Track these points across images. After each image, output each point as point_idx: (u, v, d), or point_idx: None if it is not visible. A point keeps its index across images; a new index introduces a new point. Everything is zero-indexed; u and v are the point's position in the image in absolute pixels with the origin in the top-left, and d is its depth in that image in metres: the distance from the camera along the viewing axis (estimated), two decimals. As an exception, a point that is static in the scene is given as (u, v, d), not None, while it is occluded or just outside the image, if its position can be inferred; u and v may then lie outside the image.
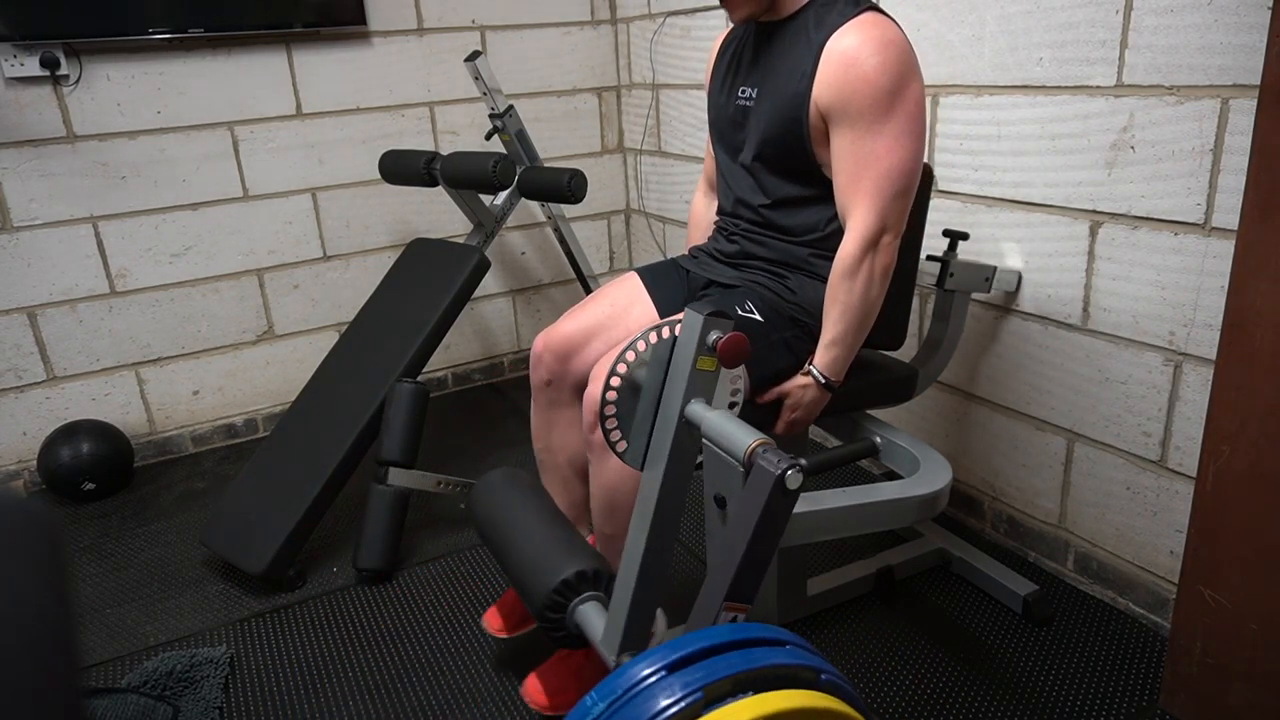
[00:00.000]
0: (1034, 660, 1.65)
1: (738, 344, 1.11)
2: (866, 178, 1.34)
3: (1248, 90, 1.38)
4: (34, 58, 2.27)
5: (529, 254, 3.16)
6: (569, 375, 1.58)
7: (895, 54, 1.30)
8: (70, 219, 2.44)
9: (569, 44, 3.00)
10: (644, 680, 0.85)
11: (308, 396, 2.29)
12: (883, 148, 1.32)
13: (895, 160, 1.33)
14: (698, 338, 1.11)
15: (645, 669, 0.86)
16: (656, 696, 0.83)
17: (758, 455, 1.02)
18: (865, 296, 1.39)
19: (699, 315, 1.11)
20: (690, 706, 0.81)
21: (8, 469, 2.52)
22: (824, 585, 1.81)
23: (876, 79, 1.29)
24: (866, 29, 1.31)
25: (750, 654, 0.87)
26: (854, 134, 1.33)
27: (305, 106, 2.65)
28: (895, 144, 1.32)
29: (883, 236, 1.36)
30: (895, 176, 1.34)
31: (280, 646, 1.82)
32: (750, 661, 0.86)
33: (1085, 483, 1.80)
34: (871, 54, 1.29)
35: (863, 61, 1.30)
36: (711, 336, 1.11)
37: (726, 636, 0.90)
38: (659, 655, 0.87)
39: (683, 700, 0.81)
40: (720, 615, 1.05)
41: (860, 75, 1.30)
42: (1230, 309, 1.28)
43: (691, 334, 1.12)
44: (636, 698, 0.84)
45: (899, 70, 1.31)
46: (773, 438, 1.12)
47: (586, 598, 1.31)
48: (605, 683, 0.87)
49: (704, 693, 0.82)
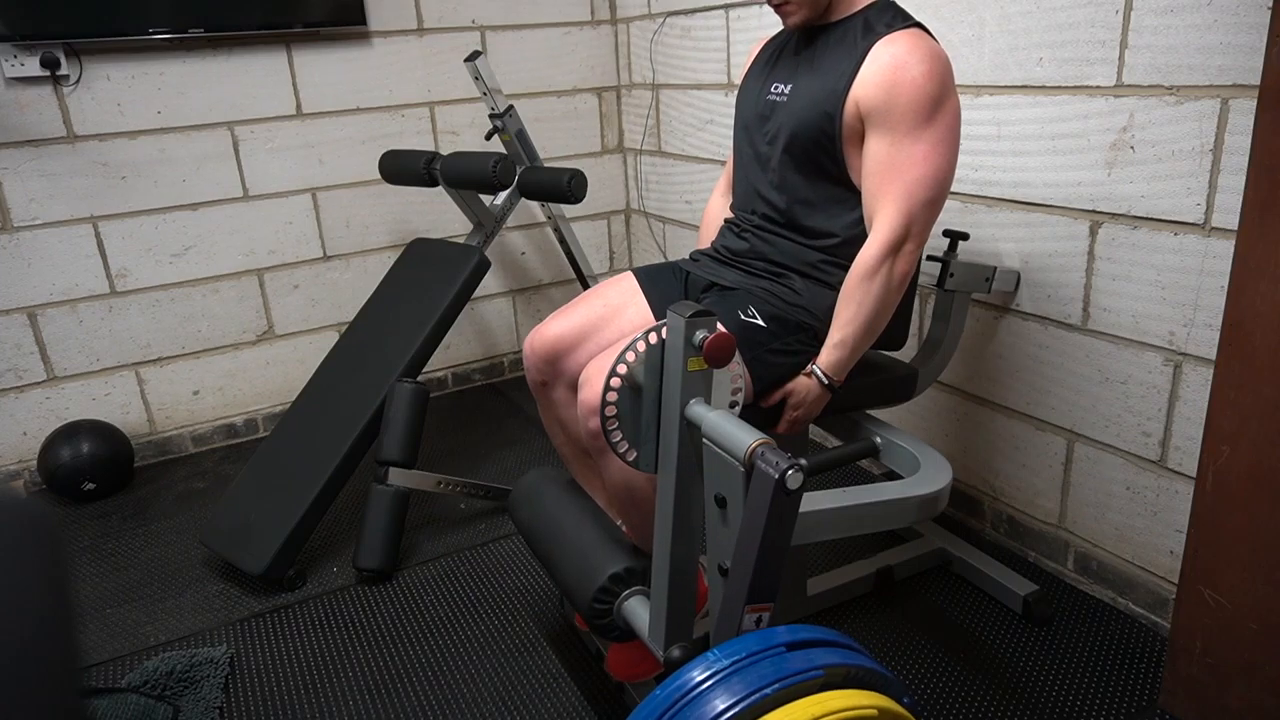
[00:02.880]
0: (1034, 660, 1.65)
1: (723, 343, 1.10)
2: (899, 182, 1.35)
3: (1248, 90, 1.38)
4: (34, 58, 2.27)
5: (529, 254, 3.16)
6: (562, 375, 1.57)
7: (942, 66, 1.33)
8: (70, 219, 2.44)
9: (569, 44, 3.00)
10: (697, 687, 0.88)
11: (308, 396, 2.29)
12: (920, 154, 1.33)
13: (930, 168, 1.34)
14: (683, 339, 1.11)
15: (698, 675, 0.89)
16: (711, 701, 0.86)
17: (758, 456, 1.02)
18: (881, 300, 1.39)
19: (680, 317, 1.11)
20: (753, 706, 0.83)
21: (8, 469, 2.52)
22: (824, 585, 1.81)
23: (923, 84, 1.31)
24: (916, 39, 1.34)
25: (810, 654, 0.90)
26: (893, 137, 1.34)
27: (305, 106, 2.65)
28: (932, 151, 1.34)
29: (906, 243, 1.37)
30: (928, 184, 1.35)
31: (280, 646, 1.82)
32: (801, 665, 0.88)
33: (1085, 483, 1.80)
34: (920, 61, 1.32)
35: (911, 67, 1.32)
36: (697, 337, 1.11)
37: (785, 638, 0.92)
38: (710, 660, 0.89)
39: (737, 705, 0.83)
40: (744, 618, 1.06)
41: (909, 79, 1.31)
42: (1230, 309, 1.28)
43: (677, 335, 1.12)
44: (691, 703, 0.87)
45: (944, 81, 1.33)
46: (773, 437, 1.12)
47: (629, 594, 1.34)
48: (659, 690, 0.91)
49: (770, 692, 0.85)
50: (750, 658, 0.88)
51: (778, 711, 0.83)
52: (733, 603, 1.07)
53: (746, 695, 0.84)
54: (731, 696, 0.85)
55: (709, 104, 2.69)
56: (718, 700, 0.85)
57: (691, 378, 1.14)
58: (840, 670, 0.89)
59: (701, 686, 0.87)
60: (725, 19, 2.52)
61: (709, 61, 2.64)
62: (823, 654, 0.90)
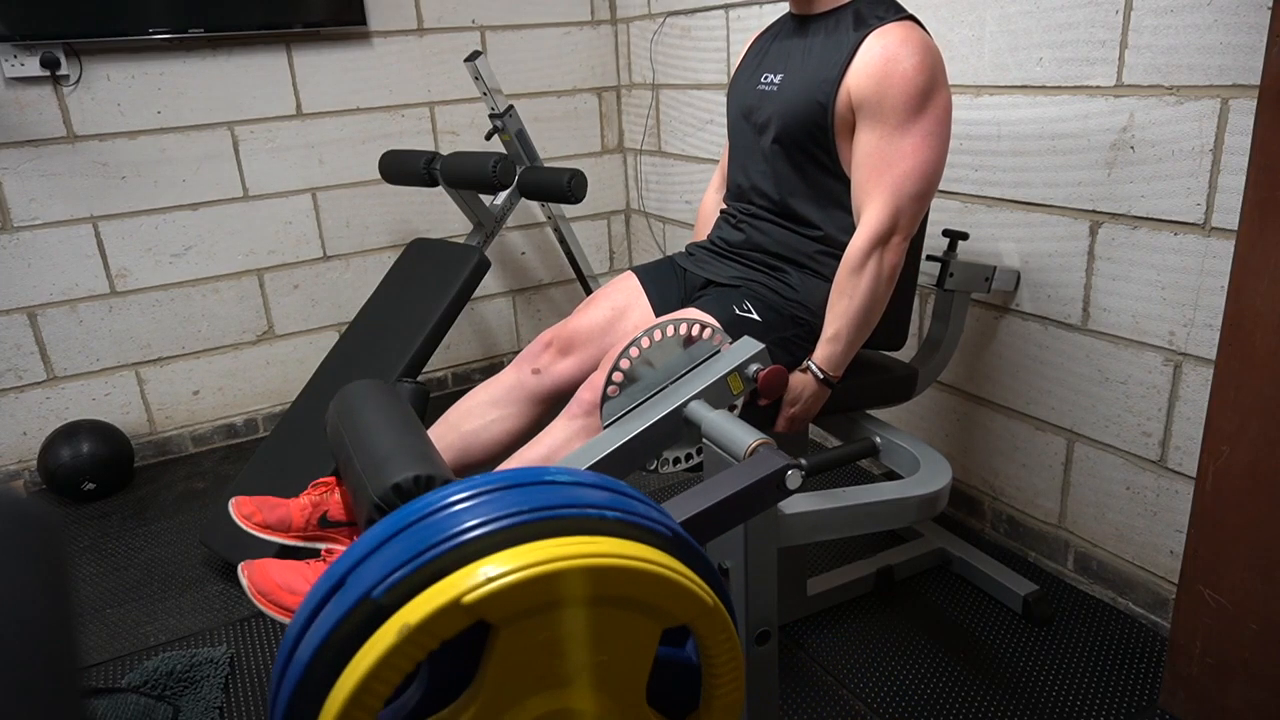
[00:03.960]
0: (1034, 660, 1.65)
1: (777, 378, 1.13)
2: (887, 174, 1.35)
3: (1248, 90, 1.38)
4: (34, 58, 2.27)
5: (529, 254, 3.16)
6: (562, 375, 1.57)
7: (933, 60, 1.34)
8: (70, 219, 2.44)
9: (569, 44, 3.00)
10: (449, 505, 0.66)
11: (308, 396, 2.29)
12: (909, 146, 1.34)
13: (918, 161, 1.34)
14: (742, 360, 1.13)
15: (455, 494, 0.67)
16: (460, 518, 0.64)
17: (758, 455, 1.02)
18: (871, 293, 1.39)
19: (757, 345, 1.18)
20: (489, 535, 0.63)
21: (8, 469, 2.52)
22: (824, 585, 1.81)
23: (914, 77, 1.32)
24: (909, 32, 1.35)
25: (581, 491, 0.69)
26: (883, 129, 1.34)
27: (305, 106, 2.65)
28: (921, 144, 1.34)
29: (893, 236, 1.37)
30: (916, 178, 1.35)
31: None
32: (575, 498, 0.68)
33: (1085, 483, 1.80)
34: (911, 54, 1.32)
35: (903, 59, 1.32)
36: (752, 368, 1.14)
37: (556, 476, 0.70)
38: (470, 484, 0.68)
39: (483, 526, 0.63)
40: None
41: (900, 71, 1.32)
42: (1230, 309, 1.28)
43: (738, 355, 1.14)
44: (437, 519, 0.65)
45: (935, 74, 1.34)
46: (773, 436, 1.12)
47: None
48: (406, 506, 0.68)
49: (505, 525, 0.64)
50: (515, 485, 0.67)
51: (542, 542, 0.63)
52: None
53: (500, 517, 0.64)
54: (485, 514, 0.64)
55: (709, 104, 2.69)
56: (467, 516, 0.64)
57: (718, 385, 1.17)
58: (620, 517, 0.67)
59: (454, 505, 0.65)
60: (725, 19, 2.52)
61: (709, 61, 2.64)
62: (604, 497, 0.68)
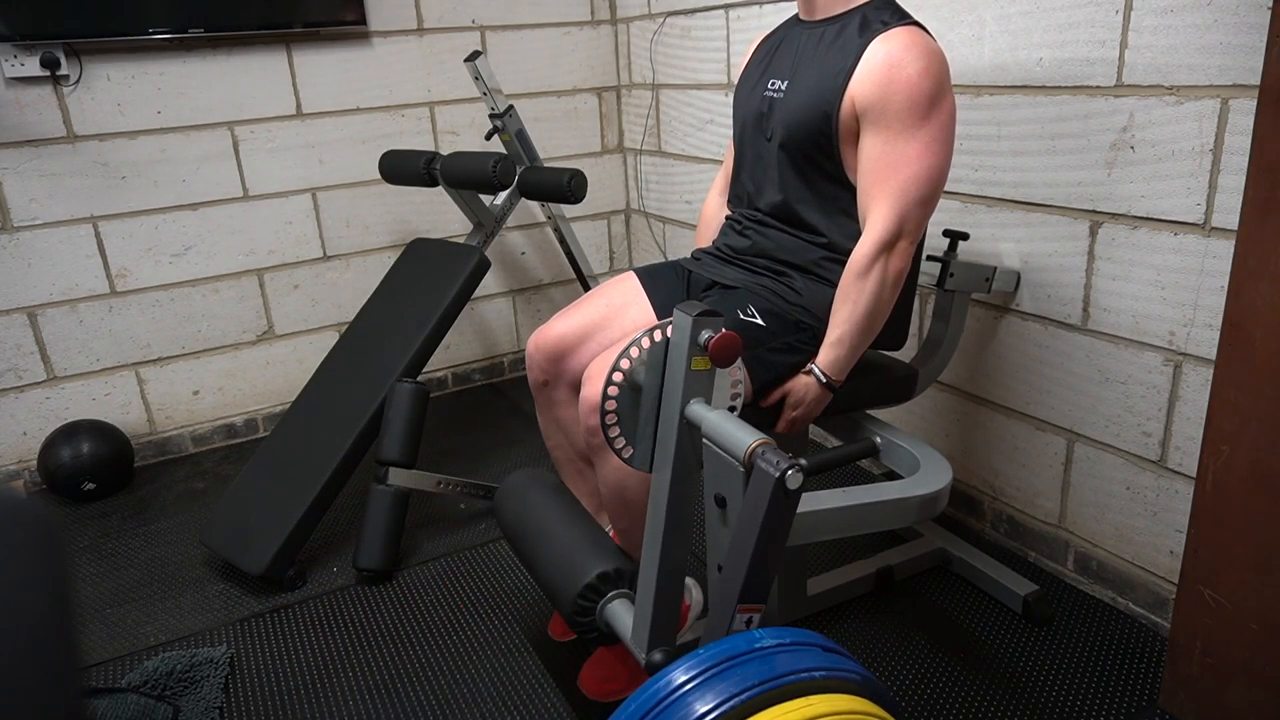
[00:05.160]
0: (1034, 660, 1.65)
1: (729, 342, 1.11)
2: (893, 180, 1.35)
3: (1248, 90, 1.38)
4: (34, 58, 2.27)
5: (529, 254, 3.16)
6: (564, 375, 1.57)
7: (938, 64, 1.34)
8: (70, 219, 2.44)
9: (569, 44, 3.00)
10: (679, 689, 0.86)
11: (308, 396, 2.29)
12: (914, 152, 1.34)
13: (923, 166, 1.34)
14: (689, 338, 1.11)
15: (681, 676, 0.88)
16: (692, 704, 0.84)
17: (758, 456, 1.02)
18: (875, 298, 1.39)
19: (688, 315, 1.11)
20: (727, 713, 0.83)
21: (8, 469, 2.52)
22: (824, 585, 1.81)
23: (919, 83, 1.31)
24: (913, 36, 1.34)
25: (788, 658, 0.89)
26: (888, 134, 1.34)
27: (305, 106, 2.65)
28: (926, 150, 1.34)
29: (899, 241, 1.37)
30: (921, 183, 1.35)
31: (280, 646, 1.82)
32: (787, 667, 0.87)
33: (1085, 483, 1.80)
34: (916, 59, 1.32)
35: (907, 65, 1.32)
36: (703, 336, 1.11)
37: (763, 641, 0.91)
38: (694, 662, 0.88)
39: (720, 707, 0.83)
40: (735, 618, 1.05)
41: (904, 77, 1.31)
42: (1230, 309, 1.28)
43: (683, 335, 1.12)
44: (672, 705, 0.85)
45: (940, 80, 1.33)
46: (773, 437, 1.12)
47: (613, 596, 1.33)
48: (641, 691, 0.89)
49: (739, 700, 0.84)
50: (733, 660, 0.87)
51: (760, 715, 0.83)
52: (725, 602, 1.07)
53: (729, 698, 0.84)
54: (714, 699, 0.84)
55: (709, 104, 2.69)
56: (698, 703, 0.84)
57: (694, 377, 1.14)
58: (824, 674, 0.88)
59: (684, 688, 0.86)
60: (725, 19, 2.52)
61: (709, 61, 2.64)
62: (808, 657, 0.89)
